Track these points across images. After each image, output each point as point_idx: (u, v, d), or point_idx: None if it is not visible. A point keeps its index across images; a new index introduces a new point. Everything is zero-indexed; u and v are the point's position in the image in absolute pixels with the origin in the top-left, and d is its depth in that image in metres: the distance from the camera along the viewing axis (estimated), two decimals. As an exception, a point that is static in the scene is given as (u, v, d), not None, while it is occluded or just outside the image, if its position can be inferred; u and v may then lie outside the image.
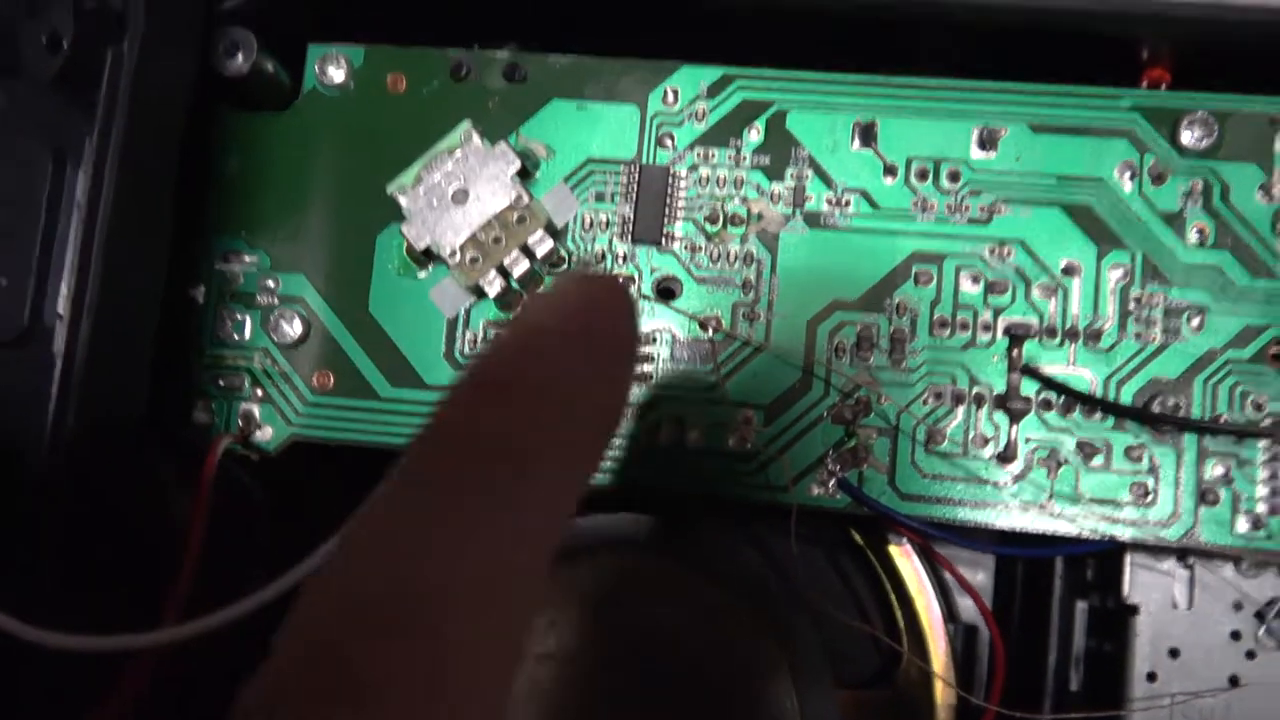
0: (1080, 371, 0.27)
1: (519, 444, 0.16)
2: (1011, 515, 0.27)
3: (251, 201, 0.30)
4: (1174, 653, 0.30)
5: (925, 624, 0.35)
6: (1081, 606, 0.33)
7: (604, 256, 0.29)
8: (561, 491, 0.16)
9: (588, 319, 0.18)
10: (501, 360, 0.17)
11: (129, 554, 0.28)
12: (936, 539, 0.28)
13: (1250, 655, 0.29)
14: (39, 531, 0.25)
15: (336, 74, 0.30)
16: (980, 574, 0.36)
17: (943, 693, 0.34)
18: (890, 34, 0.29)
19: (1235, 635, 0.30)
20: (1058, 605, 0.33)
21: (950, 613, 0.36)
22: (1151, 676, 0.30)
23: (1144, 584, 0.30)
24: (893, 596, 0.35)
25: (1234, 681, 0.29)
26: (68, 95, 0.27)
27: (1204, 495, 0.26)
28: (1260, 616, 0.29)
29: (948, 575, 0.36)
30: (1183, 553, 0.30)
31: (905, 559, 0.35)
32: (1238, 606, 0.30)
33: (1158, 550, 0.30)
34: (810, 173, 0.28)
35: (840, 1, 0.27)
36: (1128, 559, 0.30)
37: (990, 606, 0.35)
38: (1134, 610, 0.30)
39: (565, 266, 0.29)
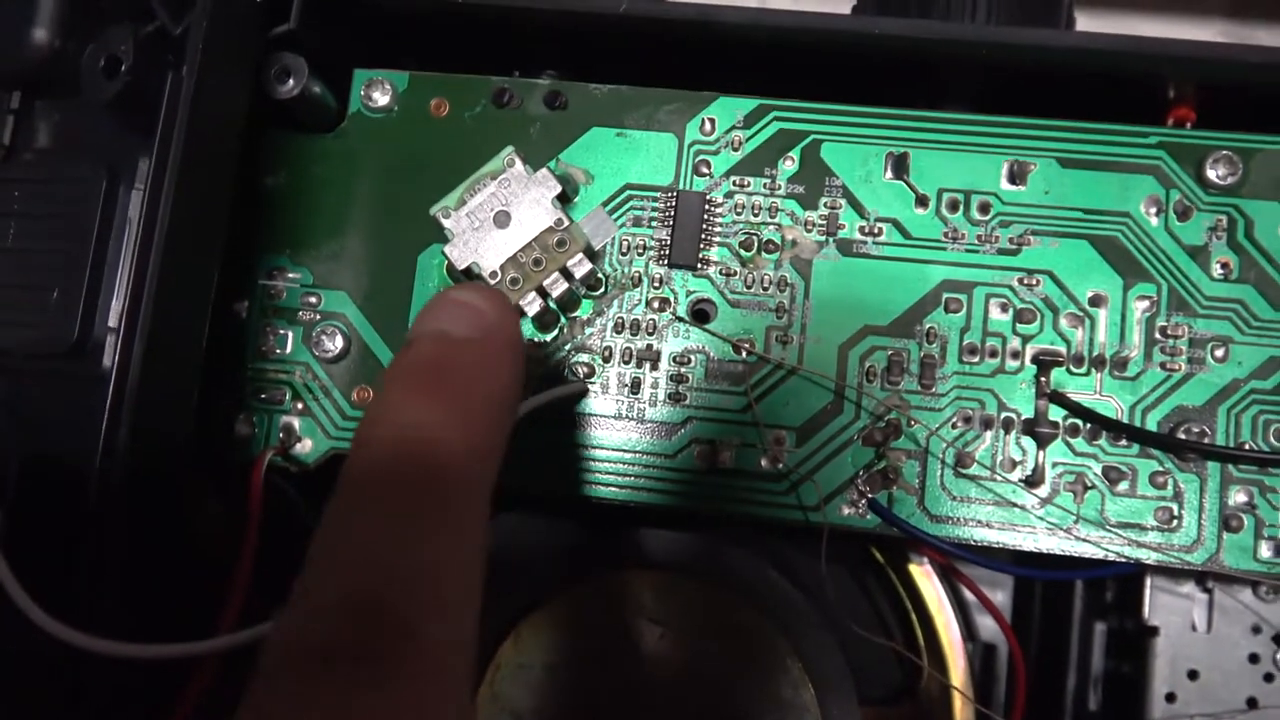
0: (1107, 399, 0.28)
1: (439, 441, 0.19)
2: (1038, 538, 0.27)
3: (296, 219, 0.31)
4: (1193, 674, 0.30)
5: (945, 642, 0.35)
6: (1100, 628, 0.34)
7: (641, 279, 0.30)
8: (480, 448, 0.20)
9: (495, 324, 0.22)
10: (425, 364, 0.21)
11: (175, 564, 0.29)
12: (968, 561, 0.28)
13: (1269, 678, 0.30)
14: (92, 543, 0.26)
15: (381, 98, 0.31)
16: (999, 594, 0.36)
17: (962, 712, 0.35)
18: (923, 72, 0.29)
19: (1254, 658, 0.30)
20: (1077, 626, 0.33)
21: (969, 632, 0.36)
22: (1170, 698, 0.30)
23: (1164, 606, 0.31)
24: (913, 615, 0.36)
25: (1252, 704, 0.30)
26: (124, 117, 0.28)
27: (1227, 521, 0.27)
28: (1279, 640, 0.30)
29: (967, 594, 0.37)
30: (1202, 576, 0.30)
31: (926, 578, 0.36)
32: (1256, 630, 0.30)
33: (1177, 573, 0.30)
34: (843, 202, 0.29)
35: (876, 40, 0.28)
36: (1148, 582, 0.31)
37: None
38: (1154, 632, 0.31)
39: (603, 290, 0.30)
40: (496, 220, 0.29)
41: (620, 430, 0.29)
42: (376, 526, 0.18)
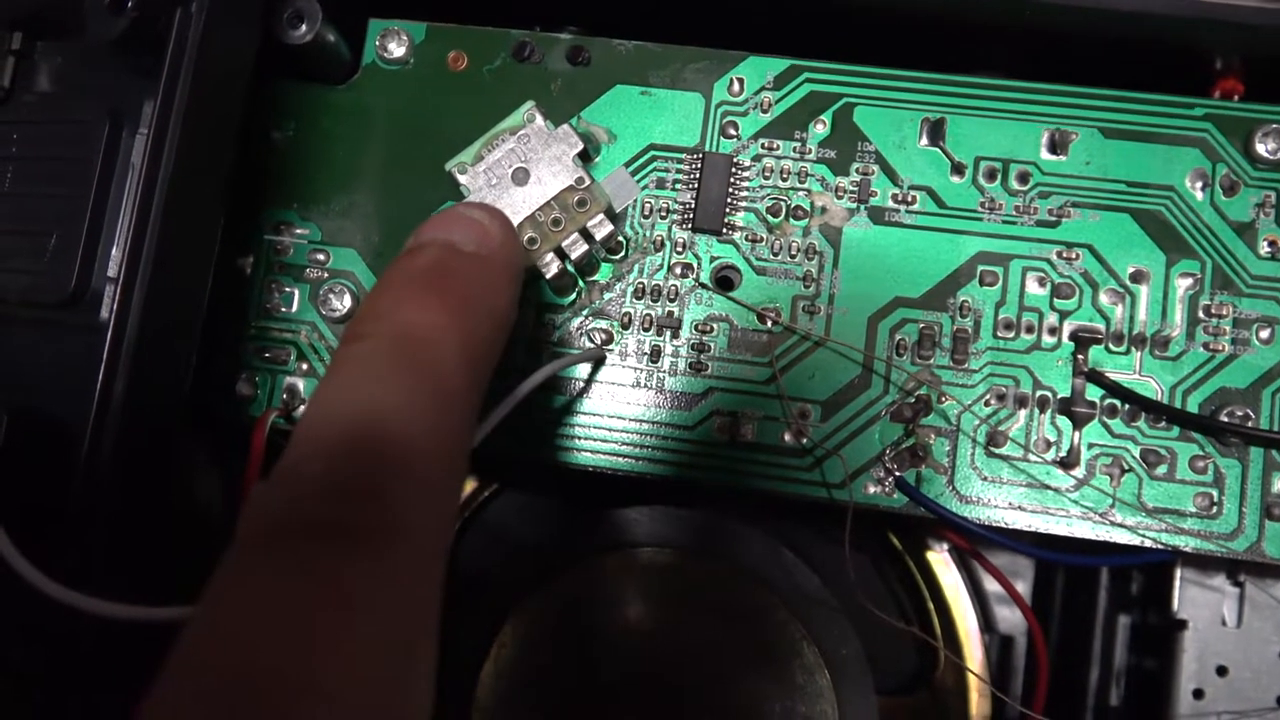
0: (1147, 379, 0.27)
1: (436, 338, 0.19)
2: (1072, 522, 0.26)
3: (305, 173, 0.30)
4: (1222, 670, 0.29)
5: (962, 633, 0.34)
6: (1124, 621, 0.32)
7: (663, 243, 0.28)
8: (471, 357, 0.20)
9: (500, 243, 0.22)
10: (429, 268, 0.20)
11: (169, 526, 0.28)
12: (995, 544, 0.27)
13: (1301, 676, 0.29)
14: (82, 499, 0.25)
15: (397, 49, 0.30)
16: (1019, 584, 0.35)
17: (978, 704, 0.34)
18: (963, 36, 0.28)
19: (1285, 655, 0.29)
20: (1101, 619, 0.32)
21: (988, 623, 0.35)
22: (1198, 694, 0.29)
23: (1193, 599, 0.30)
24: (930, 604, 0.35)
25: (1283, 702, 0.29)
26: (129, 58, 0.27)
27: (1270, 509, 0.26)
28: (1313, 637, 0.29)
29: (986, 585, 0.36)
30: (1233, 569, 0.29)
31: (945, 567, 0.35)
32: (1288, 626, 0.29)
33: (1208, 566, 0.29)
34: (876, 168, 0.28)
35: (918, 2, 0.27)
36: (1178, 573, 0.30)
37: (1029, 618, 0.34)
38: (1182, 625, 0.30)
39: (623, 253, 0.29)
40: (515, 177, 0.27)
41: (638, 400, 0.28)
42: (368, 410, 0.17)
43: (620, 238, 0.28)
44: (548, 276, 0.27)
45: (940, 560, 0.35)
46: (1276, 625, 0.29)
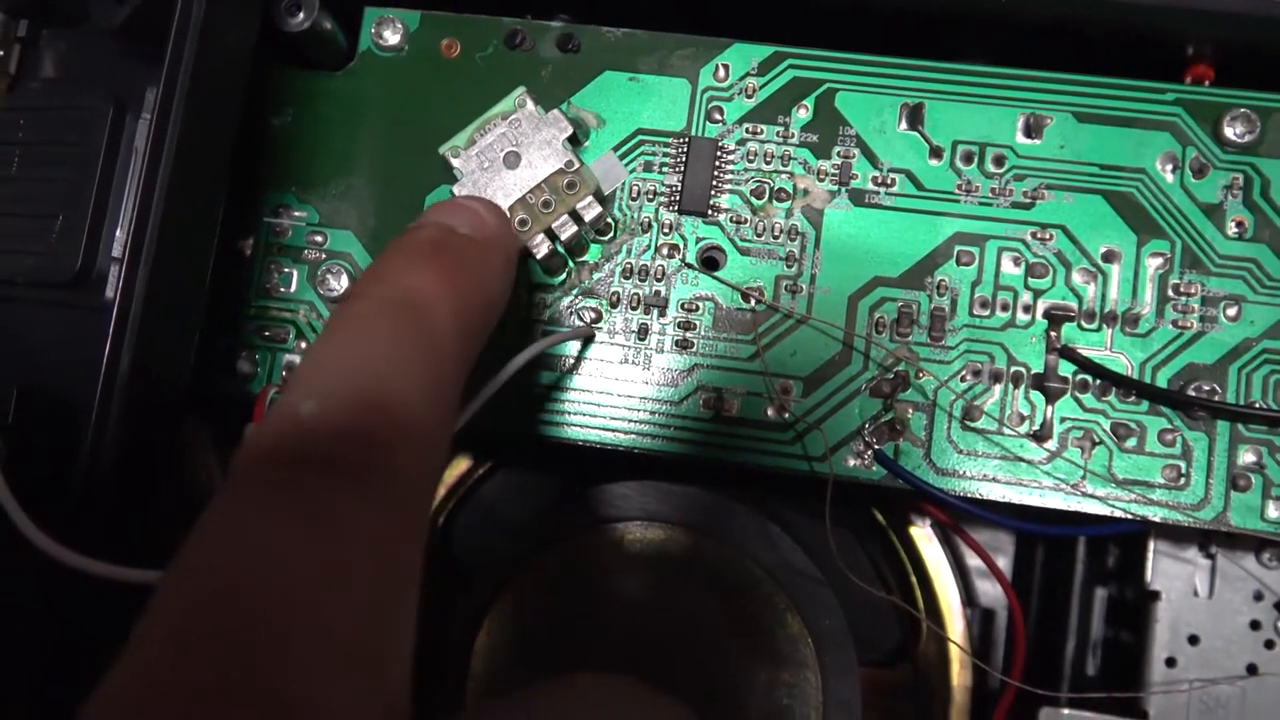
0: (1117, 355, 0.27)
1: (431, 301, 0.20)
2: (1044, 493, 0.27)
3: (303, 158, 0.31)
4: (1193, 640, 0.30)
5: (944, 606, 0.35)
6: (1101, 594, 0.33)
7: (650, 225, 0.29)
8: (464, 327, 0.21)
9: (496, 231, 0.23)
10: (428, 244, 0.22)
11: (171, 504, 0.28)
12: (971, 516, 0.28)
13: (1269, 645, 0.30)
14: (87, 474, 0.26)
15: (392, 37, 0.31)
16: (1000, 559, 0.36)
17: (959, 675, 0.35)
18: (943, 23, 0.29)
19: (1255, 625, 0.30)
20: (1078, 592, 0.33)
21: (969, 597, 0.36)
22: (1170, 662, 0.30)
23: (1166, 571, 0.31)
24: (913, 578, 0.35)
25: (1252, 670, 0.30)
26: (132, 45, 0.28)
27: (1235, 481, 0.27)
28: (1280, 607, 0.30)
29: (967, 560, 0.36)
30: (1205, 542, 0.30)
31: (927, 541, 0.36)
32: (1258, 597, 0.30)
33: (1181, 538, 0.30)
34: (857, 152, 0.29)
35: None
36: (1151, 545, 0.30)
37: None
38: (1155, 596, 0.30)
39: (612, 235, 0.29)
40: (506, 161, 0.28)
41: (625, 376, 0.29)
42: (365, 364, 0.18)
43: (609, 219, 0.29)
44: (538, 257, 0.28)
45: (923, 535, 0.35)
46: (1246, 596, 0.30)
